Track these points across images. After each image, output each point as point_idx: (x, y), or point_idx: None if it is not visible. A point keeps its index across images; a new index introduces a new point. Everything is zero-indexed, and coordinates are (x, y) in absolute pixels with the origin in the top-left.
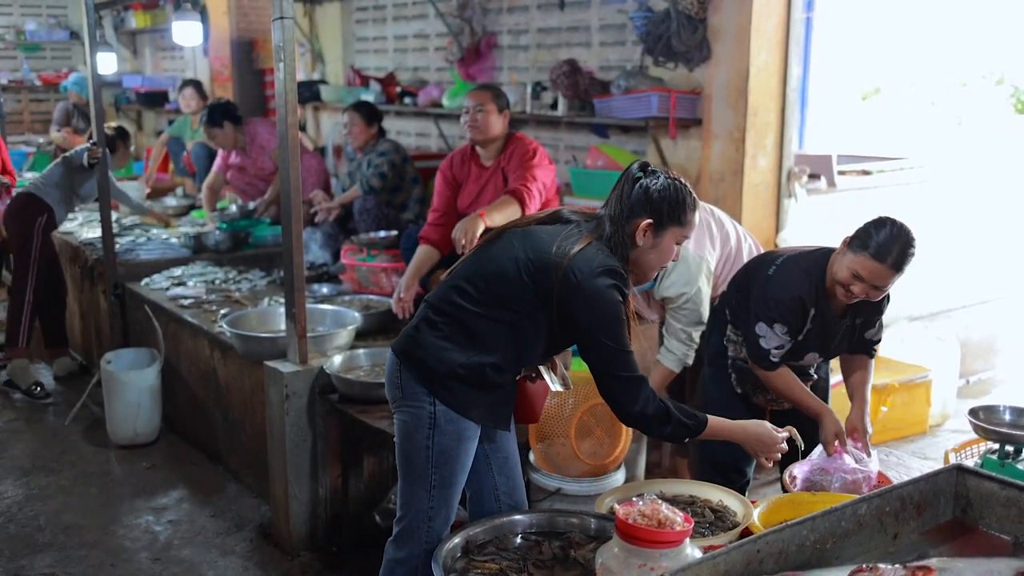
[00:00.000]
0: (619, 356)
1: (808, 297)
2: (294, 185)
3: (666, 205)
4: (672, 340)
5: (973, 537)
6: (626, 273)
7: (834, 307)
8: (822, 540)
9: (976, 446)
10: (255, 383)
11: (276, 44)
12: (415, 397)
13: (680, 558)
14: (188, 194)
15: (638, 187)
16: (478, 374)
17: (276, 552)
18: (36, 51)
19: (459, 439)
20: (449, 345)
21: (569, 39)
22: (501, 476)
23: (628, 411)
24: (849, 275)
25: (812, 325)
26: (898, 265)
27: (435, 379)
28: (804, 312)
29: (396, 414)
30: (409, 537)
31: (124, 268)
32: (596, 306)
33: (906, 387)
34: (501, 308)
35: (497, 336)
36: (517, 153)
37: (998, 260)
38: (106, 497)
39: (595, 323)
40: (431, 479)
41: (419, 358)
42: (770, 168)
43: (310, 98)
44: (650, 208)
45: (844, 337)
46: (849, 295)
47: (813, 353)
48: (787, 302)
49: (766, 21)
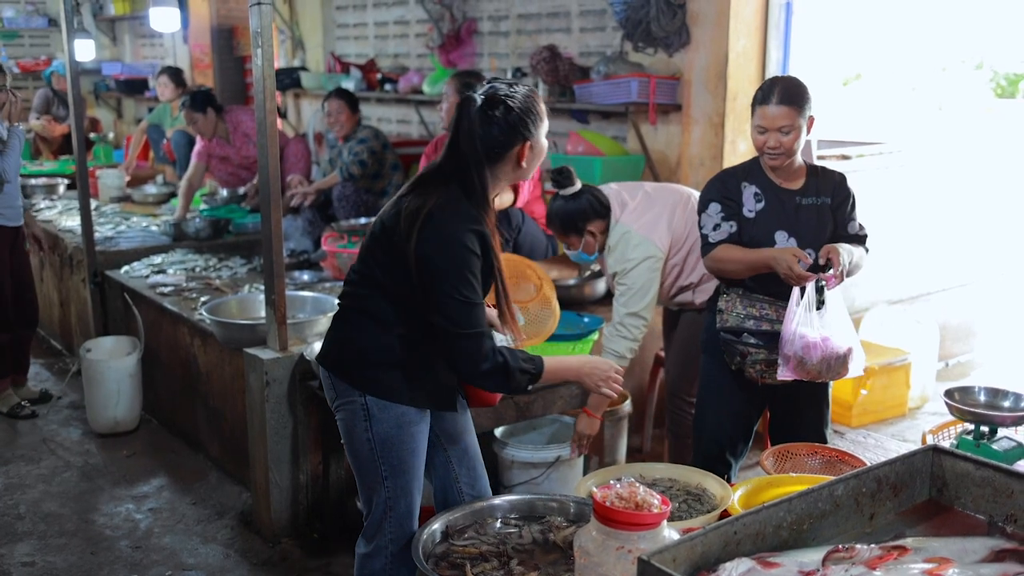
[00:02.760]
0: (467, 310)
1: (737, 172)
2: (273, 173)
3: (531, 116)
4: (608, 326)
5: (949, 517)
6: (485, 215)
7: (779, 178)
8: (799, 521)
9: (953, 427)
10: (235, 370)
11: (254, 30)
12: (346, 394)
13: (658, 540)
14: (168, 182)
15: (498, 118)
16: (391, 353)
17: (257, 539)
18: (14, 38)
19: (398, 425)
20: (355, 335)
21: (549, 25)
22: (462, 468)
23: (474, 371)
24: (757, 134)
25: (763, 203)
26: (787, 99)
27: (355, 373)
28: (735, 185)
29: (336, 416)
30: (375, 531)
31: (103, 256)
32: (447, 255)
33: (885, 370)
34: (382, 280)
35: (392, 308)
36: None
37: (977, 243)
38: (86, 485)
39: (445, 273)
40: (381, 470)
41: (335, 358)
42: (750, 152)
43: (290, 85)
44: (523, 130)
45: (817, 220)
46: (772, 154)
47: (783, 233)
48: (713, 180)
49: (745, 6)
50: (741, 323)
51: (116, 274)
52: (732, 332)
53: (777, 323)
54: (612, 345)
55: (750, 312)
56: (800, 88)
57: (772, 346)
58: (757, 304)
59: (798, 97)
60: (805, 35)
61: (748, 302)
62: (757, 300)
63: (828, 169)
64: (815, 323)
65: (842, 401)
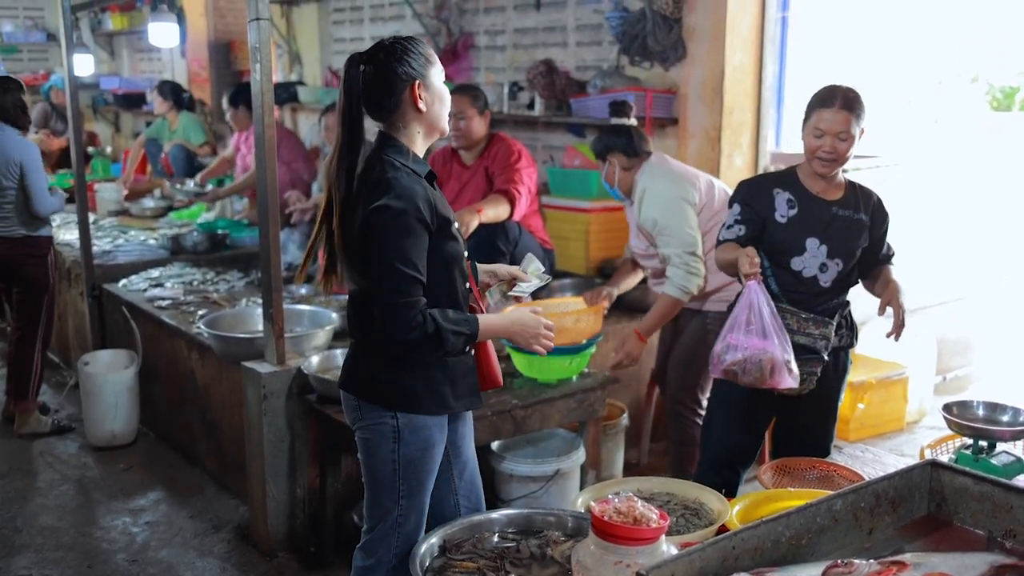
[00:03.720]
0: (398, 276)
1: (771, 178)
2: (271, 186)
3: (409, 58)
4: (670, 268)
5: (948, 532)
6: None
7: (816, 189)
8: (797, 536)
9: (951, 442)
10: (233, 384)
11: (252, 45)
12: (374, 415)
13: (656, 555)
14: (166, 196)
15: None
16: (408, 361)
17: (254, 553)
18: (13, 53)
19: (425, 447)
20: (372, 349)
21: (546, 39)
22: (461, 481)
23: (403, 339)
24: (813, 138)
25: (796, 210)
26: (848, 105)
27: (382, 389)
28: (766, 191)
29: (357, 433)
30: (379, 545)
31: (101, 270)
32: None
33: (883, 384)
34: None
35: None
36: (501, 154)
37: (974, 257)
38: (83, 499)
39: (379, 244)
40: (399, 490)
41: (360, 378)
42: (746, 167)
43: (288, 99)
44: (403, 73)
45: (850, 232)
46: (825, 158)
47: (814, 240)
48: (743, 183)
49: (741, 20)
50: None
51: (114, 288)
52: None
53: (797, 334)
54: (684, 283)
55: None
56: (859, 98)
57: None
58: (780, 314)
59: (858, 106)
60: (801, 49)
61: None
62: (780, 309)
63: (866, 188)
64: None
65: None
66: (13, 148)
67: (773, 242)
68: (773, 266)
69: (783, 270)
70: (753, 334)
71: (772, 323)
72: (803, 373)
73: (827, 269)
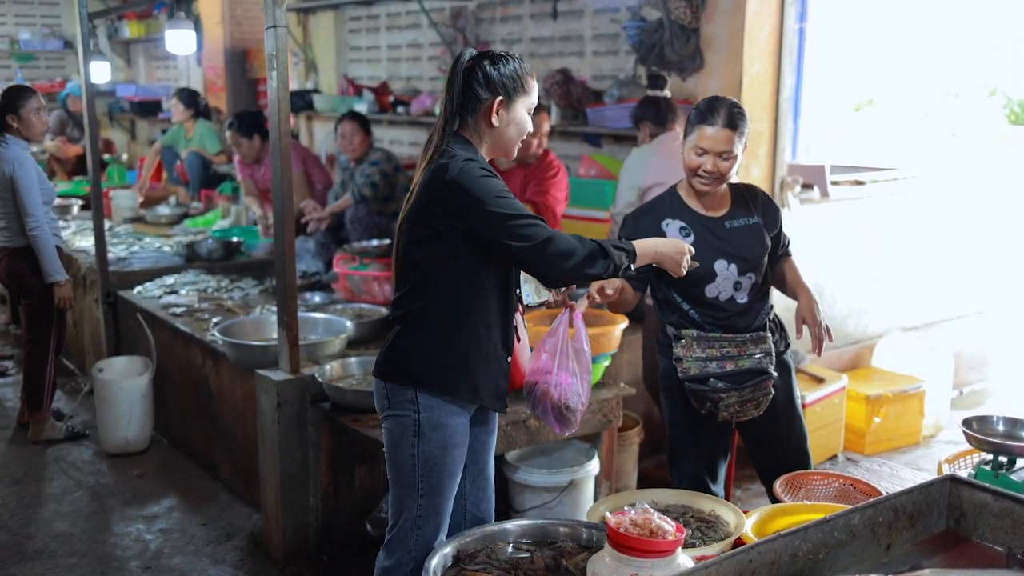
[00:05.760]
0: (527, 224)
1: (655, 209)
2: (286, 194)
3: (511, 79)
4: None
5: (967, 548)
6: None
7: (707, 206)
8: (815, 550)
9: (969, 457)
10: (247, 391)
11: (269, 52)
12: (400, 405)
13: (672, 568)
14: (181, 203)
15: (479, 71)
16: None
17: (267, 561)
18: (30, 60)
19: (444, 447)
20: (408, 341)
21: (562, 48)
22: (473, 487)
23: (571, 264)
24: (694, 155)
25: (692, 236)
26: (731, 123)
27: (408, 364)
28: (652, 225)
29: (383, 423)
30: (399, 545)
31: (116, 276)
32: (476, 186)
33: (899, 398)
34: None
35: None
36: (542, 167)
37: (991, 271)
38: (97, 505)
39: (485, 202)
40: (418, 488)
41: (391, 360)
42: (763, 178)
43: (303, 107)
44: (500, 88)
45: (751, 241)
46: (706, 178)
47: (722, 262)
48: (627, 220)
49: (759, 31)
50: (704, 368)
51: (129, 294)
52: (697, 380)
53: (740, 358)
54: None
55: (710, 354)
56: (743, 113)
57: (742, 385)
58: (716, 344)
59: (741, 122)
60: (818, 60)
61: (706, 344)
62: (714, 340)
63: (748, 185)
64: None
65: (855, 429)
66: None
67: (680, 277)
68: (687, 301)
69: (699, 301)
70: (551, 358)
71: (569, 360)
72: (757, 396)
73: (741, 286)
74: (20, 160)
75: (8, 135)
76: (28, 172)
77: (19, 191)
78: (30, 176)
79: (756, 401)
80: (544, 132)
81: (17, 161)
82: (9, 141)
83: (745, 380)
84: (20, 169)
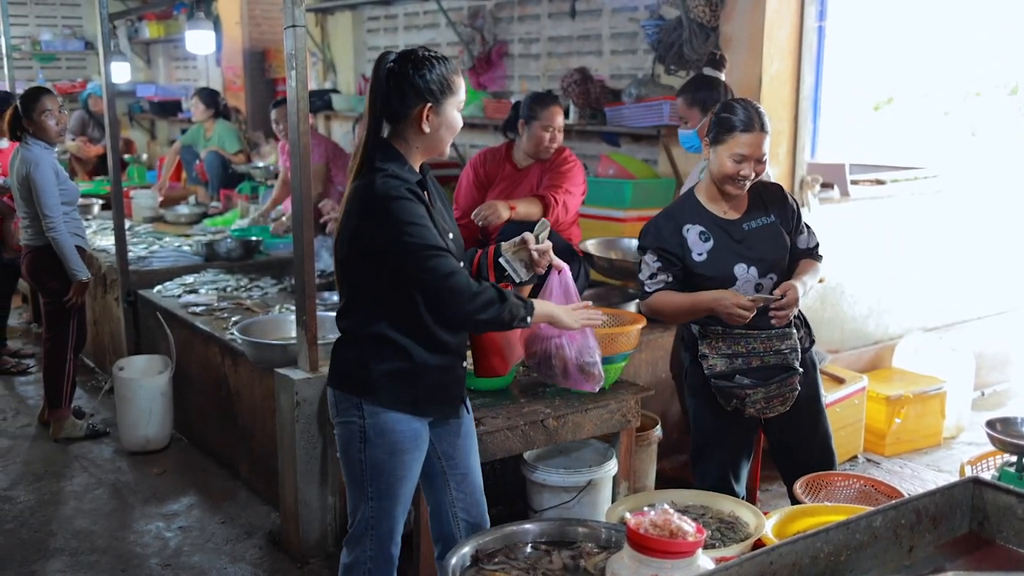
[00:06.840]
0: (432, 253)
1: (674, 214)
2: (305, 193)
3: (436, 82)
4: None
5: (990, 551)
6: (412, 175)
7: (727, 210)
8: (836, 552)
9: (993, 458)
10: (266, 390)
11: (288, 52)
12: (347, 412)
13: (692, 569)
14: (200, 202)
15: (401, 77)
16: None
17: (285, 559)
18: (51, 61)
19: (392, 452)
20: (355, 351)
21: (580, 47)
22: (459, 493)
23: (467, 307)
24: (733, 162)
25: (711, 241)
26: (764, 126)
27: (351, 374)
28: (674, 231)
29: (335, 430)
30: (355, 544)
31: (136, 275)
32: (395, 208)
33: (920, 399)
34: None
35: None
36: (557, 163)
37: (1013, 271)
38: (117, 503)
39: (400, 227)
40: (367, 492)
41: (335, 369)
42: (783, 177)
43: (322, 107)
44: (426, 93)
45: (770, 242)
46: (742, 182)
47: (742, 265)
48: (648, 227)
49: (778, 29)
50: (730, 365)
51: (149, 293)
52: (724, 377)
53: (767, 355)
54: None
55: (736, 350)
56: (764, 112)
57: (768, 381)
58: (742, 340)
59: (768, 123)
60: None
61: (731, 340)
62: (740, 337)
63: (765, 183)
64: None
65: (876, 430)
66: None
67: (701, 281)
68: None
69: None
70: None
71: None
72: (783, 392)
73: (763, 288)
74: (36, 161)
75: (30, 137)
76: (44, 173)
77: (35, 192)
78: (45, 177)
79: (783, 397)
80: (558, 127)
81: (33, 162)
82: (30, 142)
83: (771, 376)
84: (36, 170)
